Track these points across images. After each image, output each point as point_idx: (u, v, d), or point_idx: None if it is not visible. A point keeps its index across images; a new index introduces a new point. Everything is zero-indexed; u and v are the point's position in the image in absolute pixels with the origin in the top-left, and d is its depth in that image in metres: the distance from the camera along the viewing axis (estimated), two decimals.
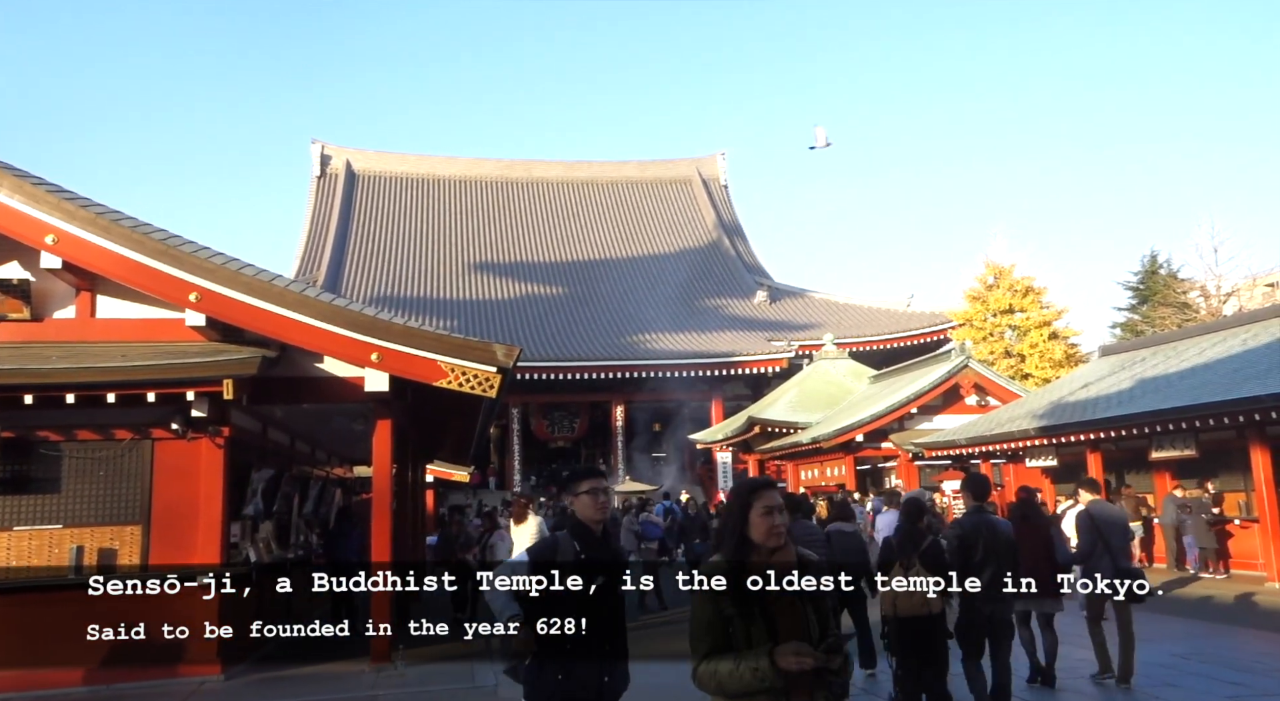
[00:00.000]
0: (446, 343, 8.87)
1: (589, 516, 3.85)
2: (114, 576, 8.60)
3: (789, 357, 34.22)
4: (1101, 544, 7.49)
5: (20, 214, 8.12)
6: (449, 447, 19.71)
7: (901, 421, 21.26)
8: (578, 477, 3.91)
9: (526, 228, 47.81)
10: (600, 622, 3.72)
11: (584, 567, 3.73)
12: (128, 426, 8.82)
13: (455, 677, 8.54)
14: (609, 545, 3.94)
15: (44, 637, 8.44)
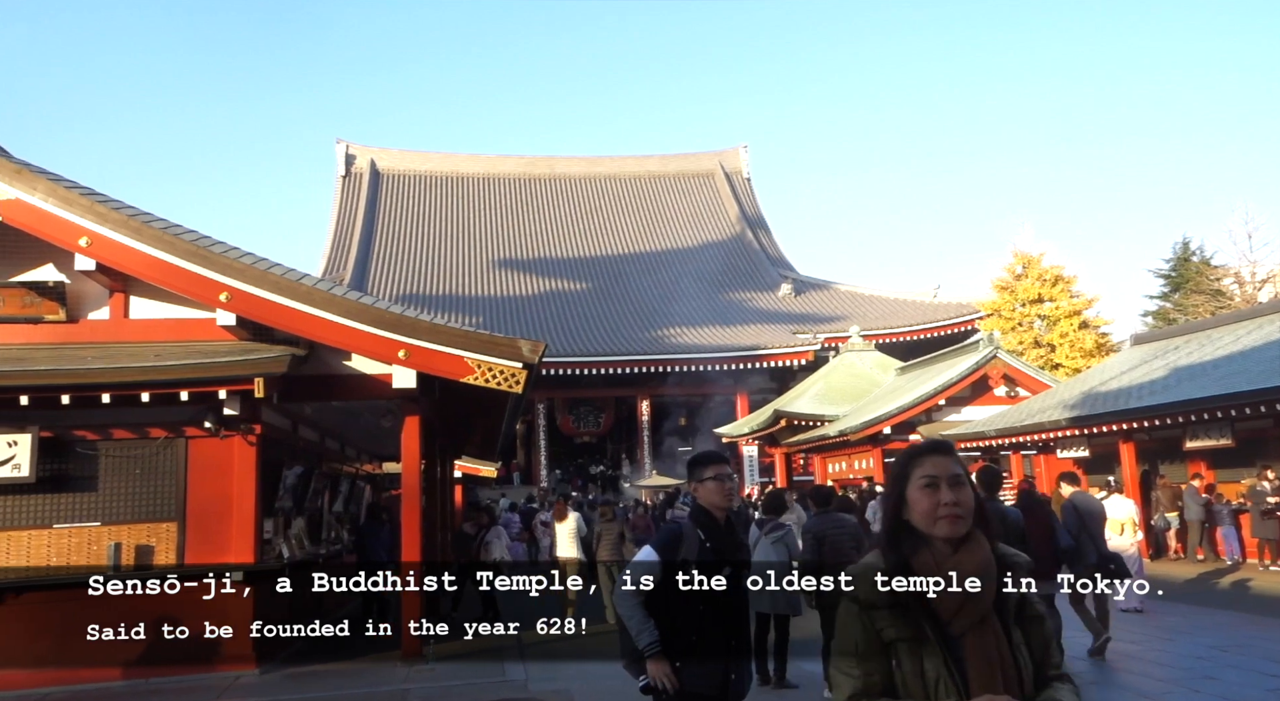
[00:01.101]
0: (473, 339, 8.91)
1: (714, 504, 3.63)
2: (151, 573, 8.77)
3: (814, 350, 34.06)
4: (1085, 532, 8.16)
5: (54, 217, 8.24)
6: (476, 443, 19.82)
7: (929, 413, 21.09)
8: (702, 463, 3.70)
9: (550, 224, 47.90)
10: (725, 617, 3.52)
11: (710, 559, 3.53)
12: (162, 425, 8.94)
13: (486, 672, 8.60)
14: (734, 535, 3.71)
15: (83, 633, 8.58)
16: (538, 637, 10.75)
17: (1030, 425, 17.56)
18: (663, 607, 3.54)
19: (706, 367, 34.16)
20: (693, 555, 3.56)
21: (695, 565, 3.54)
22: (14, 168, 8.16)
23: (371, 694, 7.74)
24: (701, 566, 3.54)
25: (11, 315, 8.79)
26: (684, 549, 3.58)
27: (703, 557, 3.56)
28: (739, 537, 3.81)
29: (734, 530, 3.77)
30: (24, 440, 8.42)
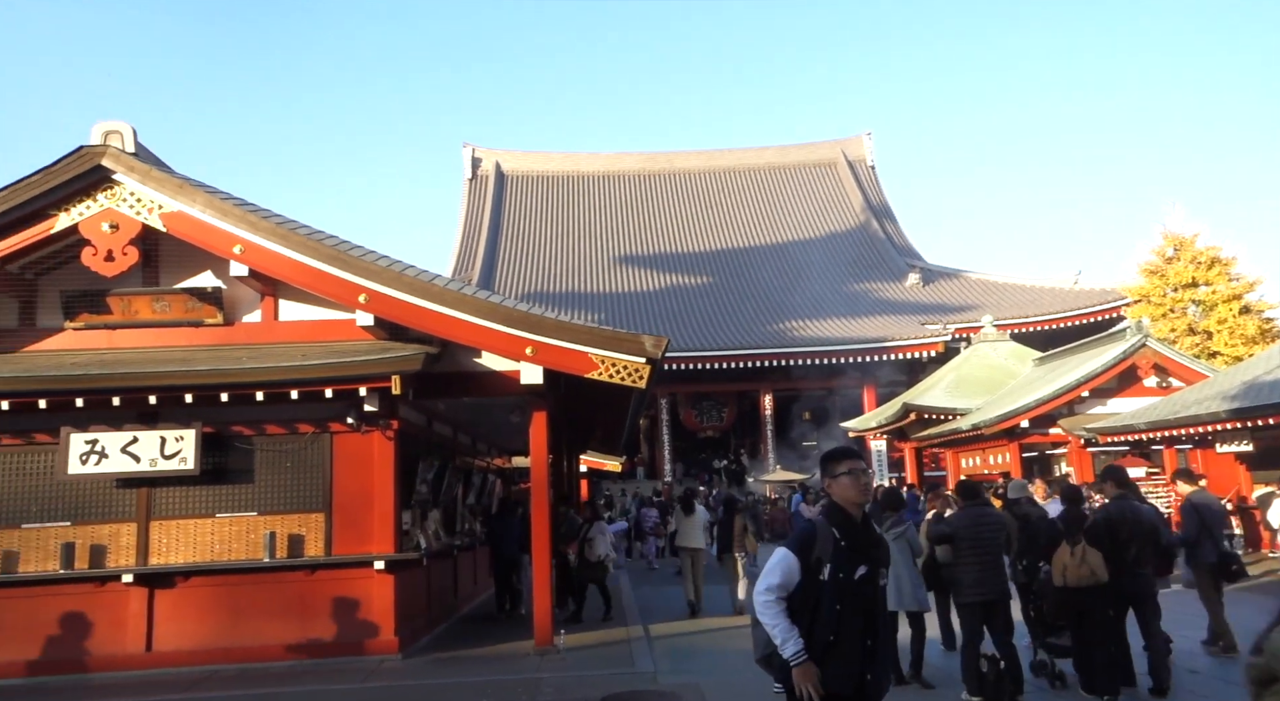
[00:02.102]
0: (597, 335, 9.03)
1: (849, 499, 3.54)
2: (302, 561, 9.31)
3: (945, 341, 32.91)
4: (1205, 531, 8.32)
5: (212, 227, 8.84)
6: (600, 438, 20.10)
7: (1071, 406, 20.00)
8: (835, 458, 3.59)
9: (669, 219, 48.04)
10: (862, 616, 3.44)
11: (846, 556, 3.45)
12: (309, 421, 9.46)
13: (615, 662, 8.72)
14: (870, 531, 3.60)
15: (244, 616, 9.20)
16: (667, 631, 10.89)
17: (1185, 418, 16.40)
18: (798, 607, 3.47)
19: (831, 360, 33.53)
20: (827, 554, 3.46)
21: (830, 564, 3.44)
22: (176, 182, 8.80)
23: (507, 681, 7.95)
24: (838, 565, 3.44)
25: (177, 319, 9.49)
26: (818, 547, 3.48)
27: (839, 556, 3.46)
28: (876, 534, 3.69)
29: (870, 527, 3.66)
30: (189, 435, 9.07)
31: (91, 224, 8.76)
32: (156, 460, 9.03)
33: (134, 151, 8.74)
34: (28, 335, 9.42)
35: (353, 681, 8.14)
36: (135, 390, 8.40)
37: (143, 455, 9.03)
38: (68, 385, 8.28)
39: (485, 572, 14.17)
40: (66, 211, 8.78)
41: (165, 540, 9.28)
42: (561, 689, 7.51)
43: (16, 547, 9.16)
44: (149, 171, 8.77)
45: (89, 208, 8.80)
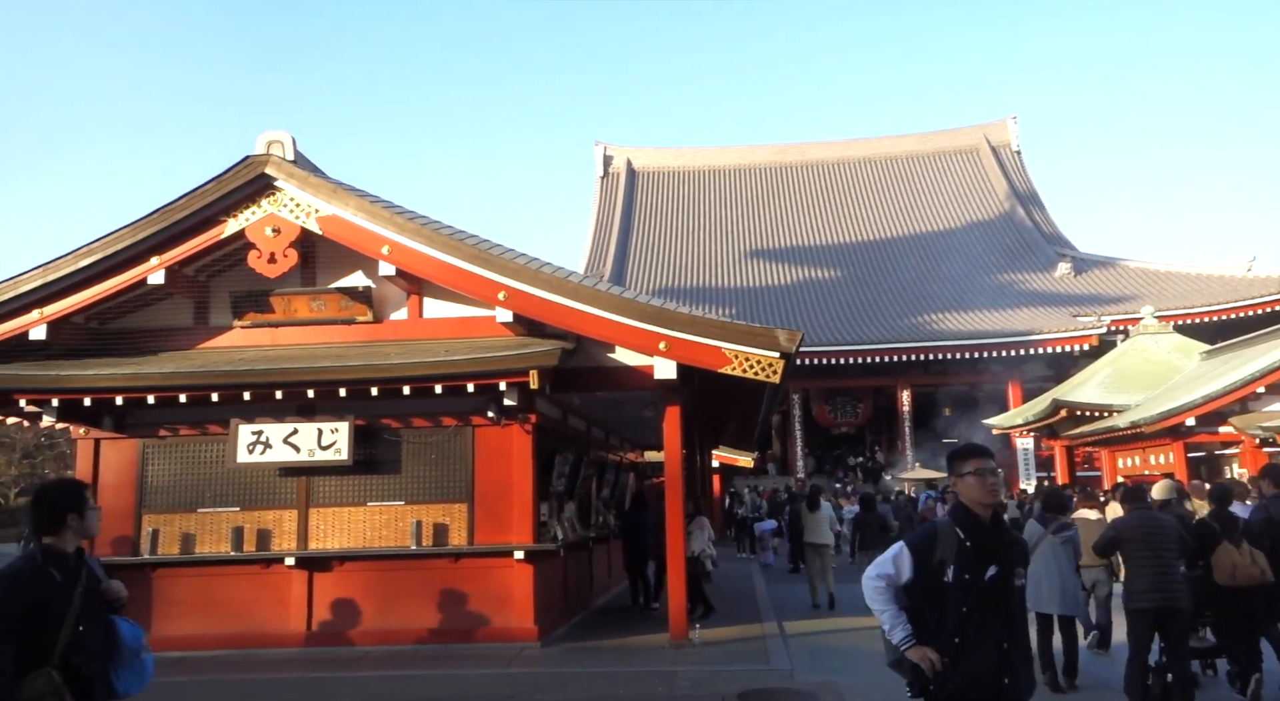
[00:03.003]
0: (730, 330, 8.98)
1: (975, 499, 3.43)
2: (447, 549, 9.68)
3: (1099, 334, 31.06)
4: None
5: (362, 229, 9.30)
6: (732, 433, 20.03)
7: (1245, 402, 18.44)
8: (962, 456, 3.49)
9: (802, 211, 47.30)
10: (994, 619, 3.33)
11: (973, 558, 3.35)
12: (452, 414, 9.82)
13: (751, 658, 8.66)
14: (1001, 533, 3.49)
15: (393, 600, 9.65)
16: (801, 628, 10.74)
17: None
18: (925, 609, 3.40)
19: (974, 355, 32.21)
20: (950, 555, 3.37)
21: (954, 565, 3.35)
22: (330, 187, 9.30)
23: (643, 672, 8.02)
24: (962, 567, 3.34)
25: (331, 317, 10.04)
26: (940, 549, 3.40)
27: (962, 557, 3.35)
28: (1008, 535, 3.55)
29: (1001, 527, 3.52)
30: (343, 428, 9.58)
31: (256, 228, 9.37)
32: (314, 450, 9.58)
33: (293, 159, 9.29)
34: (201, 333, 10.17)
35: (495, 667, 8.40)
36: (295, 384, 8.93)
37: (302, 445, 9.60)
38: (237, 380, 8.89)
39: (619, 565, 14.35)
40: (234, 217, 9.42)
41: (322, 526, 9.84)
42: (698, 682, 7.52)
43: (193, 530, 9.93)
44: (307, 178, 9.30)
45: (254, 213, 9.41)
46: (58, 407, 9.34)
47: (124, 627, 3.60)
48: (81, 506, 3.52)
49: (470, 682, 7.83)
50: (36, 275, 9.25)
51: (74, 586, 3.42)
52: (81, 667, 3.36)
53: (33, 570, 3.40)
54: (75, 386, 8.99)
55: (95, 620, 3.47)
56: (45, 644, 3.31)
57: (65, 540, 3.49)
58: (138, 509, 10.01)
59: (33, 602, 3.31)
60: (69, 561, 3.48)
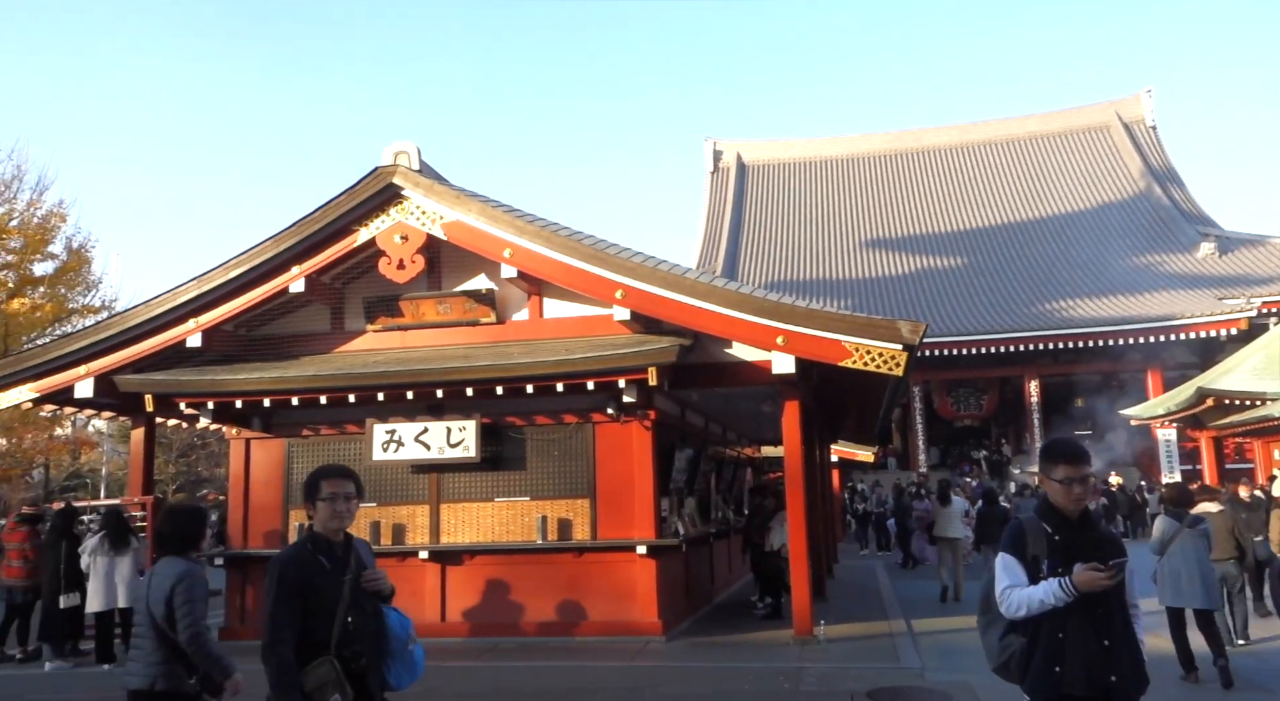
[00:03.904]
0: (850, 322, 8.84)
1: (1060, 505, 3.40)
2: (571, 544, 9.90)
3: (1248, 317, 28.98)
4: None
5: (485, 233, 9.60)
6: (851, 427, 19.66)
7: None
8: (1054, 458, 3.40)
9: (919, 198, 45.93)
10: (1093, 615, 3.26)
11: (1062, 553, 3.30)
12: (573, 411, 10.03)
13: (879, 655, 8.52)
14: (1090, 528, 3.42)
15: (521, 593, 9.94)
16: (930, 626, 10.48)
17: None
18: None
19: (1108, 342, 30.60)
20: (1043, 551, 3.33)
21: (1048, 560, 3.30)
22: (454, 194, 9.64)
23: (769, 668, 8.00)
24: (1056, 561, 3.29)
25: (457, 320, 10.41)
26: (1031, 544, 3.36)
27: (1054, 552, 3.31)
28: (1097, 532, 3.45)
29: (1090, 523, 3.43)
30: (470, 426, 9.93)
31: (386, 236, 9.81)
32: (444, 448, 9.96)
33: (418, 168, 9.67)
34: (338, 337, 10.72)
35: (621, 659, 8.54)
36: (425, 385, 9.30)
37: (432, 443, 9.99)
38: (371, 382, 9.33)
39: (740, 561, 14.34)
40: (365, 226, 9.89)
41: (453, 521, 10.22)
42: (825, 679, 7.45)
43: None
44: (431, 186, 9.66)
45: (383, 222, 9.85)
46: (213, 410, 10.03)
47: (393, 617, 3.50)
48: (314, 496, 3.43)
49: (598, 674, 7.98)
50: (192, 286, 9.95)
51: (343, 574, 3.35)
52: (352, 659, 3.28)
53: (299, 556, 3.35)
54: (228, 390, 9.63)
55: (364, 609, 3.38)
56: (320, 634, 3.26)
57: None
58: (285, 504, 10.63)
59: (304, 591, 3.26)
60: (337, 549, 3.41)
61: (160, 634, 3.99)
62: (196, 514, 4.30)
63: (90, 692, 8.24)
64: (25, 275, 20.48)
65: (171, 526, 4.24)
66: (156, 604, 3.98)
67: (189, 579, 3.98)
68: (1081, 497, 3.37)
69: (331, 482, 3.41)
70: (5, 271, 20.50)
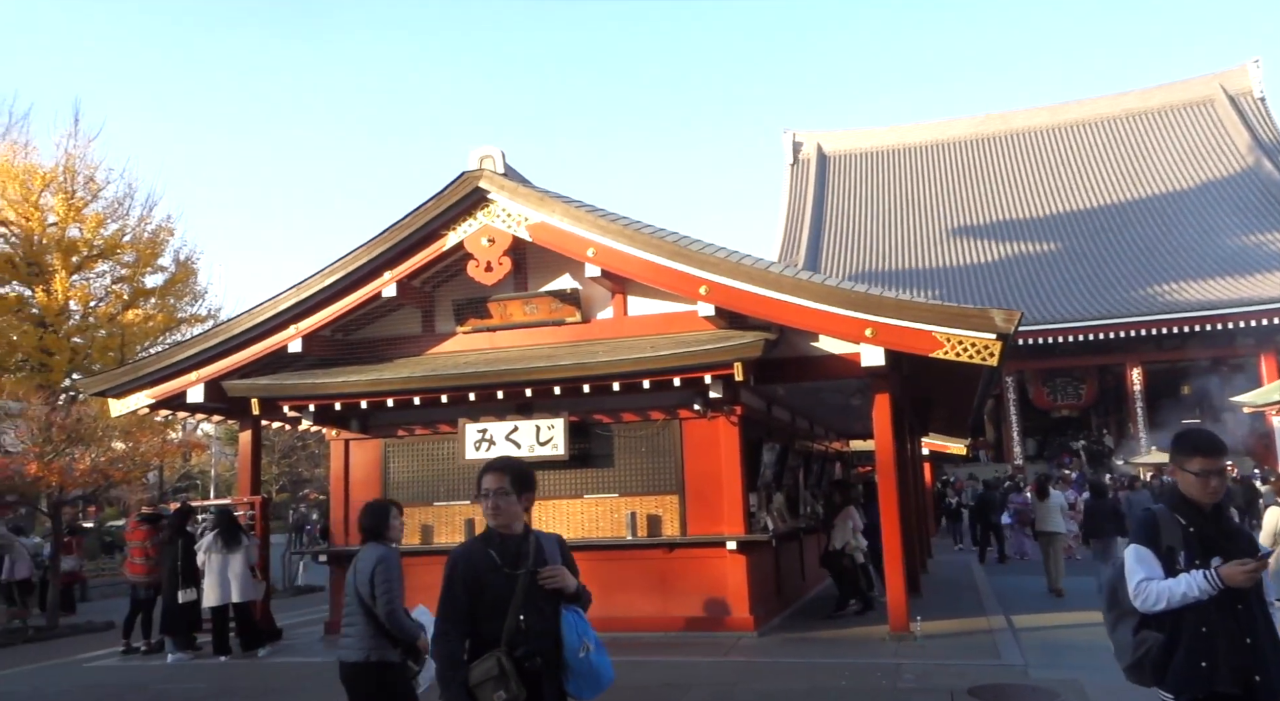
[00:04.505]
0: (940, 312, 8.65)
1: (1194, 497, 3.26)
2: (661, 540, 9.95)
3: None
4: None
5: (569, 233, 9.72)
6: (942, 420, 19.23)
7: None
8: (1187, 449, 3.27)
9: (1008, 183, 44.55)
10: (1233, 610, 3.12)
11: (1197, 546, 3.18)
12: (660, 408, 10.07)
13: (978, 652, 8.32)
14: (1225, 520, 3.32)
15: (612, 590, 10.01)
16: (1031, 622, 10.18)
17: None
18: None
19: (1217, 326, 29.12)
20: (1178, 542, 3.18)
21: (1184, 552, 3.15)
22: (538, 195, 9.79)
23: (864, 664, 7.89)
24: (1191, 553, 3.14)
25: (542, 320, 10.57)
26: (1165, 535, 3.21)
27: (1189, 544, 3.16)
28: (1229, 525, 3.32)
29: (1223, 516, 3.29)
30: (558, 424, 10.08)
31: (473, 239, 10.02)
32: (533, 446, 10.13)
33: (503, 171, 9.85)
34: (429, 339, 11.01)
35: (713, 655, 8.55)
36: (515, 384, 9.48)
37: (522, 442, 10.17)
38: (464, 382, 9.56)
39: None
40: (454, 230, 10.12)
41: (544, 518, 10.37)
42: (923, 676, 7.31)
43: (431, 522, 10.77)
44: (516, 188, 9.83)
45: (470, 225, 10.07)
46: (313, 412, 10.42)
47: (569, 619, 3.24)
48: (476, 488, 3.36)
49: (692, 669, 8.01)
50: (291, 294, 10.36)
51: (516, 569, 3.18)
52: (525, 659, 3.08)
53: (470, 551, 3.24)
54: (328, 393, 9.99)
55: (541, 609, 3.18)
56: (488, 632, 3.12)
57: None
58: None
59: (470, 587, 3.14)
60: (513, 543, 3.24)
61: (368, 612, 4.46)
62: (384, 508, 4.79)
63: (209, 683, 8.67)
64: (138, 287, 21.64)
65: (368, 519, 4.75)
66: (363, 585, 4.48)
67: (386, 562, 4.48)
68: (1218, 491, 3.25)
69: (483, 478, 3.30)
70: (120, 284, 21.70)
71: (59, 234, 20.71)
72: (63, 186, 20.92)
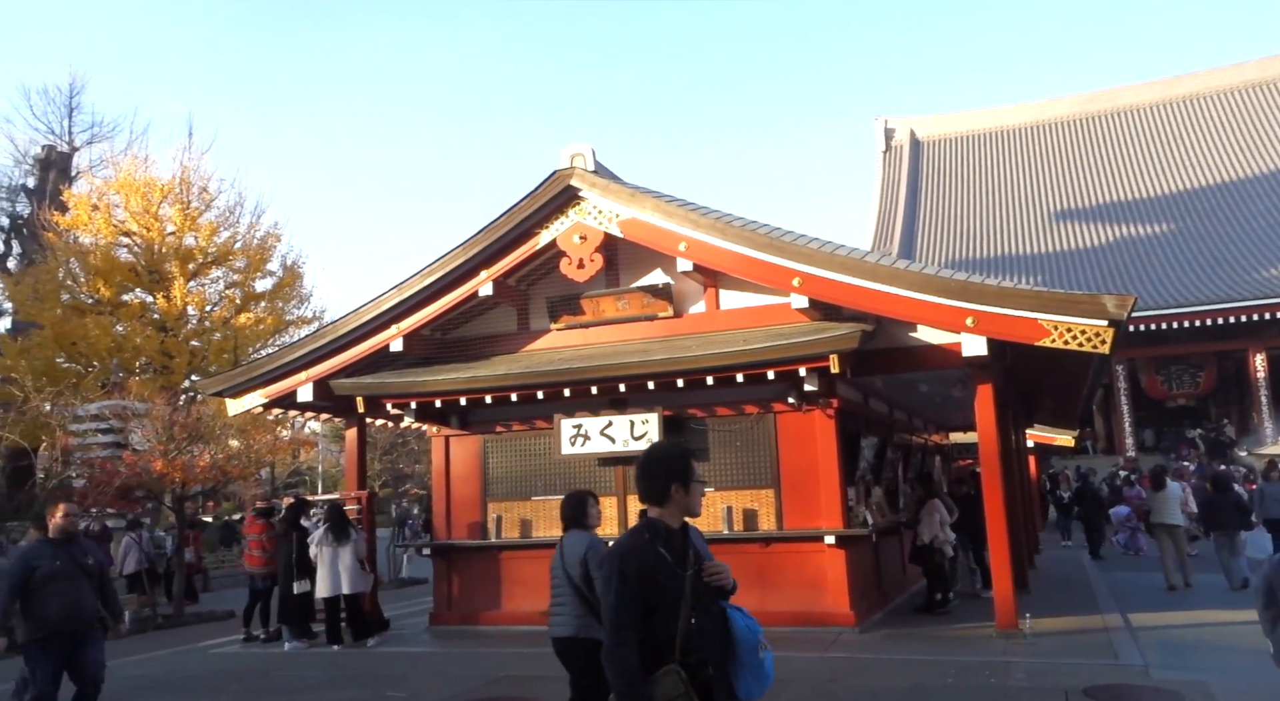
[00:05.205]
0: (1046, 299, 8.33)
1: None
2: (758, 534, 9.89)
3: None
4: None
5: (660, 228, 9.73)
6: (1048, 410, 18.52)
7: None
8: None
9: (1115, 163, 42.57)
10: None
11: None
12: (754, 402, 10.01)
13: (1093, 651, 7.99)
14: None
15: None
16: (1150, 620, 9.72)
17: None
18: None
19: None
20: None
21: None
22: (629, 192, 9.83)
23: (971, 662, 7.67)
24: None
25: (634, 315, 10.62)
26: None
27: None
28: None
29: None
30: (652, 419, 10.11)
31: (565, 237, 10.14)
32: (628, 441, 10.19)
33: (594, 168, 9.93)
34: (524, 337, 11.19)
35: (814, 650, 8.45)
36: (609, 380, 9.54)
37: (617, 437, 10.25)
38: (558, 379, 9.68)
39: None
40: (546, 228, 10.26)
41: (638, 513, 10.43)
42: (1035, 675, 7.06)
43: (529, 516, 10.97)
44: (607, 185, 9.90)
45: (563, 223, 10.19)
46: (415, 409, 10.72)
47: (739, 620, 3.07)
48: (688, 477, 3.10)
49: (792, 665, 7.91)
50: (392, 295, 10.68)
51: (684, 568, 2.97)
52: (698, 668, 2.88)
53: (640, 547, 2.98)
54: (429, 390, 10.27)
55: (709, 609, 2.99)
56: (662, 636, 2.87)
57: (672, 515, 3.10)
58: (483, 497, 11.23)
59: (645, 586, 2.90)
60: (676, 538, 3.05)
61: (577, 592, 4.87)
62: (582, 498, 5.22)
63: (324, 671, 9.03)
64: (249, 292, 22.69)
65: (569, 509, 5.20)
66: (572, 568, 4.91)
67: (594, 546, 4.92)
68: None
69: (696, 467, 3.17)
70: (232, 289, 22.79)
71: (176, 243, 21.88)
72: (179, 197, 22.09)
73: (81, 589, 5.97)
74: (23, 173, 29.49)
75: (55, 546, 6.03)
